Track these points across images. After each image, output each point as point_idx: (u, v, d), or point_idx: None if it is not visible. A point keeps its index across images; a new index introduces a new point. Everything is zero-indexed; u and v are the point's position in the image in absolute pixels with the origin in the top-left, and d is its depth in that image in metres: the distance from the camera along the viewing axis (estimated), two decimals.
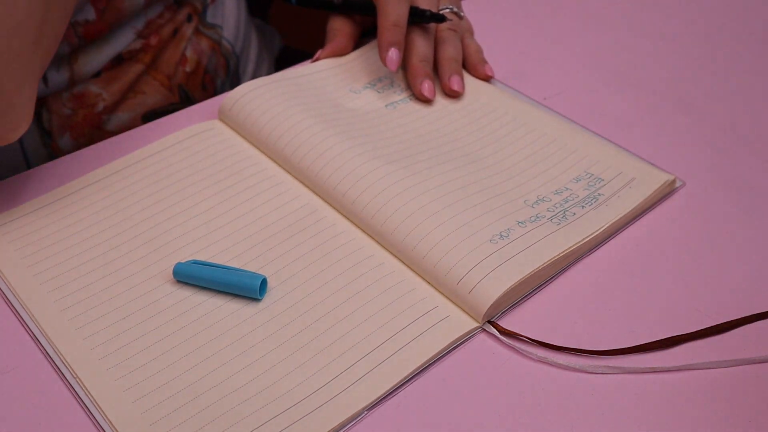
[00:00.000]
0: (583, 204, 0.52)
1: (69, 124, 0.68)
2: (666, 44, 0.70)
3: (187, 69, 0.72)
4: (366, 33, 0.69)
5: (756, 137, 0.60)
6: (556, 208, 0.51)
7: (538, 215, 0.51)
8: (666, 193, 0.54)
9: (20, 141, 0.67)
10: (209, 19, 0.74)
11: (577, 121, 0.61)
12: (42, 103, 0.66)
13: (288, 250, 0.50)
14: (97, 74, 0.67)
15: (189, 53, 0.72)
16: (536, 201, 0.52)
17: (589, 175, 0.54)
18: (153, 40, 0.69)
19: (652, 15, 0.74)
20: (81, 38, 0.65)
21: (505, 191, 0.53)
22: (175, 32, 0.71)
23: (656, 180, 0.53)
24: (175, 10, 0.70)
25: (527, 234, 0.49)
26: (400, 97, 0.62)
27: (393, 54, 0.60)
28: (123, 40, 0.67)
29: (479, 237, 0.48)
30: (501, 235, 0.49)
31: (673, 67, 0.67)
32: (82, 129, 0.68)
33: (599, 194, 0.53)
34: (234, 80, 0.78)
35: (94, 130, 0.69)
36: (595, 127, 0.60)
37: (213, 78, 0.75)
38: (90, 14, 0.64)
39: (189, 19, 0.71)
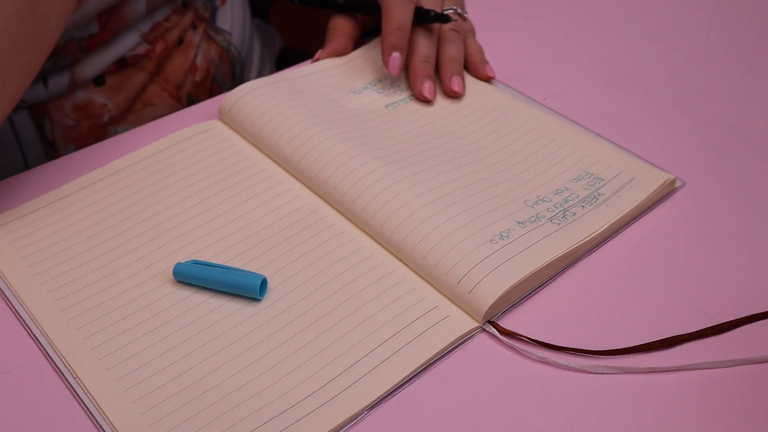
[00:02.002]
0: (583, 204, 0.52)
1: (73, 135, 0.67)
2: (666, 44, 0.70)
3: (197, 78, 0.71)
4: (367, 33, 0.69)
5: (756, 137, 0.60)
6: (556, 208, 0.51)
7: (538, 215, 0.51)
8: (666, 192, 0.54)
9: (22, 152, 0.67)
10: (219, 23, 0.73)
11: (577, 121, 0.61)
12: (44, 113, 0.66)
13: (288, 250, 0.50)
14: (101, 81, 0.67)
15: (199, 61, 0.71)
16: (536, 201, 0.52)
17: (589, 175, 0.54)
18: (159, 47, 0.68)
19: (652, 15, 0.74)
20: (85, 51, 0.64)
21: (505, 191, 0.53)
22: (181, 41, 0.70)
23: (656, 179, 0.53)
24: (182, 14, 0.70)
25: (527, 234, 0.49)
26: (400, 97, 0.62)
27: (396, 58, 0.60)
28: (127, 43, 0.67)
29: (479, 237, 0.48)
30: (501, 236, 0.49)
31: (673, 67, 0.67)
32: (87, 140, 0.68)
33: (599, 194, 0.53)
34: (239, 85, 0.78)
35: (99, 142, 0.68)
36: (595, 127, 0.60)
37: (220, 85, 0.75)
38: (94, 28, 0.64)
39: (194, 26, 0.71)
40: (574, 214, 0.51)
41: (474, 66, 0.64)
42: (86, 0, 0.60)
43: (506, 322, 0.46)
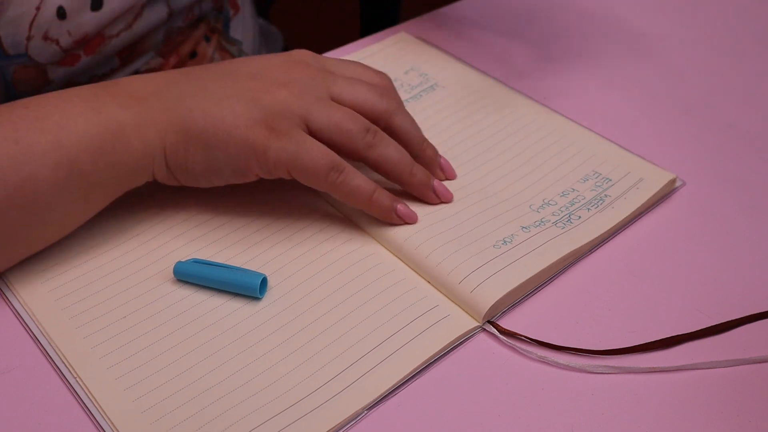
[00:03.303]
0: (589, 206, 0.52)
1: None
2: (666, 44, 0.70)
3: None
4: (369, 29, 0.69)
5: (756, 137, 0.60)
6: (562, 212, 0.51)
7: (543, 220, 0.51)
8: (666, 192, 0.54)
9: None
10: (232, 33, 0.72)
11: (577, 121, 0.61)
12: None
13: (288, 249, 0.50)
14: None
15: None
16: (542, 205, 0.52)
17: (597, 175, 0.54)
18: (172, 60, 0.67)
19: (652, 15, 0.74)
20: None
21: (510, 196, 0.53)
22: (194, 54, 0.69)
23: (660, 179, 0.53)
24: (195, 26, 0.69)
25: (530, 239, 0.49)
26: (405, 96, 0.62)
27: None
28: (141, 60, 0.66)
29: (483, 243, 0.49)
30: (504, 241, 0.49)
31: (673, 67, 0.67)
32: None
33: (606, 195, 0.52)
34: None
35: None
36: (595, 127, 0.60)
37: None
38: (114, 63, 0.63)
39: (207, 38, 0.70)
40: (580, 217, 0.51)
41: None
42: (105, 43, 0.60)
43: (506, 322, 0.46)
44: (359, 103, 0.50)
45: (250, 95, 0.48)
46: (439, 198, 0.52)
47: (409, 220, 0.50)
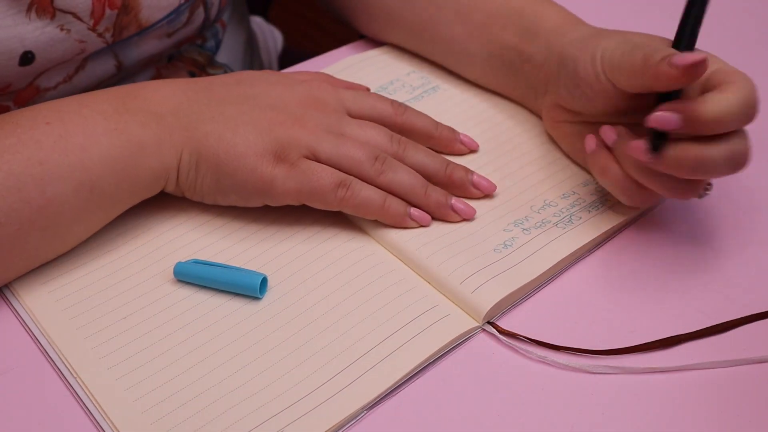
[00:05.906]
0: (590, 208, 0.52)
1: None
2: None
3: None
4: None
5: (756, 137, 0.60)
6: (563, 212, 0.51)
7: (544, 221, 0.51)
8: None
9: None
10: (218, 58, 0.70)
11: None
12: None
13: (288, 249, 0.50)
14: None
15: None
16: (543, 206, 0.52)
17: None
18: None
19: (652, 14, 0.74)
20: None
21: (512, 198, 0.53)
22: None
23: None
24: (174, 69, 0.66)
25: (531, 241, 0.49)
26: (407, 97, 0.62)
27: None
28: None
29: (485, 246, 0.49)
30: (505, 244, 0.49)
31: None
32: None
33: (606, 199, 0.52)
34: None
35: None
36: None
37: None
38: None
39: (192, 75, 0.67)
40: (581, 218, 0.51)
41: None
42: (40, 96, 0.57)
43: (506, 322, 0.46)
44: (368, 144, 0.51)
45: (265, 125, 0.49)
46: (460, 215, 0.51)
47: (423, 222, 0.50)
